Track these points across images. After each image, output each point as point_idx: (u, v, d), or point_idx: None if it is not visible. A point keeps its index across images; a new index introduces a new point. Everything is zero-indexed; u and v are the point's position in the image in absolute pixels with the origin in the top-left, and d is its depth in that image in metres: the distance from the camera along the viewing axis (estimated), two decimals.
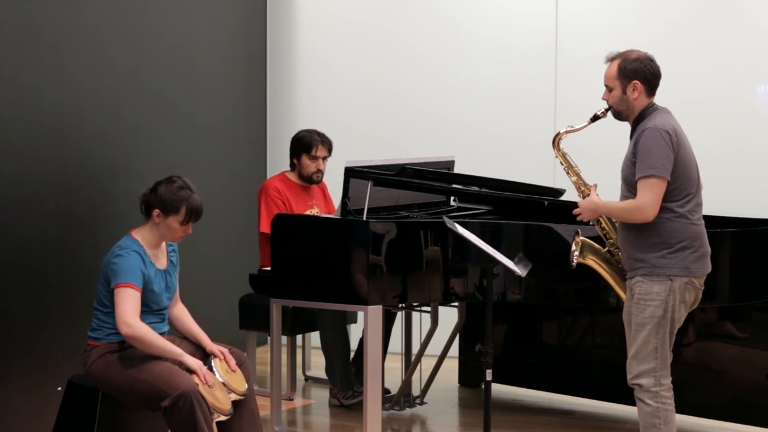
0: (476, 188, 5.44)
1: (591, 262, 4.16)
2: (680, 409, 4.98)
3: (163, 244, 4.25)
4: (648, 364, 3.97)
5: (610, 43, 6.32)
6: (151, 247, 4.16)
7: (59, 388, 4.49)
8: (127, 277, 4.01)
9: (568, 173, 4.22)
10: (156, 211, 4.13)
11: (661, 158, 3.86)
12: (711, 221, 4.15)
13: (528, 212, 5.20)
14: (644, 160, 3.88)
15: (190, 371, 4.02)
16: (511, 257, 4.29)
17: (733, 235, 4.62)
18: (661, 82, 4.10)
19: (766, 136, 6.21)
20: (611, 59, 4.08)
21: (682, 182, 3.93)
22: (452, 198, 5.60)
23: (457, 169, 5.55)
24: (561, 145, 4.23)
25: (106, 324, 4.09)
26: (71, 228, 4.97)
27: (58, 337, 4.83)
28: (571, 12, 6.54)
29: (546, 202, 5.25)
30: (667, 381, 4.00)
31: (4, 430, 4.51)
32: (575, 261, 4.12)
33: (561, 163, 4.24)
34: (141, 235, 4.16)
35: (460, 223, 4.39)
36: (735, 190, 6.02)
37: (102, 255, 5.04)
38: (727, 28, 6.26)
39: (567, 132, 4.21)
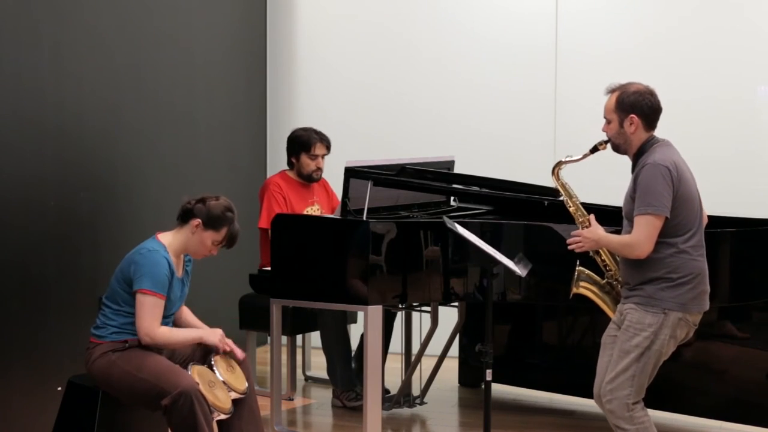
0: (476, 188, 5.44)
1: (586, 291, 4.14)
2: (680, 409, 5.02)
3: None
4: (622, 390, 3.94)
5: (610, 43, 6.38)
6: (175, 254, 4.16)
7: (59, 388, 4.49)
8: (153, 285, 4.01)
9: (567, 204, 4.20)
10: (197, 221, 4.12)
11: (660, 195, 3.82)
12: (711, 221, 4.15)
13: (528, 212, 5.19)
14: (643, 197, 3.84)
15: (184, 366, 4.06)
16: (511, 257, 4.28)
17: (733, 235, 4.62)
18: (661, 83, 4.08)
19: (766, 136, 6.21)
20: (611, 91, 4.02)
21: (684, 217, 3.89)
22: (452, 198, 5.60)
23: (457, 169, 5.55)
24: (561, 175, 4.21)
25: (111, 322, 4.09)
26: (71, 228, 4.97)
27: (58, 337, 4.83)
28: (571, 12, 6.54)
29: (546, 202, 5.24)
30: (639, 404, 3.97)
31: (4, 430, 4.51)
32: (571, 293, 4.12)
33: (560, 192, 4.22)
34: (168, 240, 4.15)
35: (460, 223, 4.39)
36: (735, 190, 6.02)
37: (102, 255, 5.07)
38: (727, 28, 6.26)
39: (567, 162, 4.18)
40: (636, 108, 3.93)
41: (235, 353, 4.23)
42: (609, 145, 4.05)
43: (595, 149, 4.09)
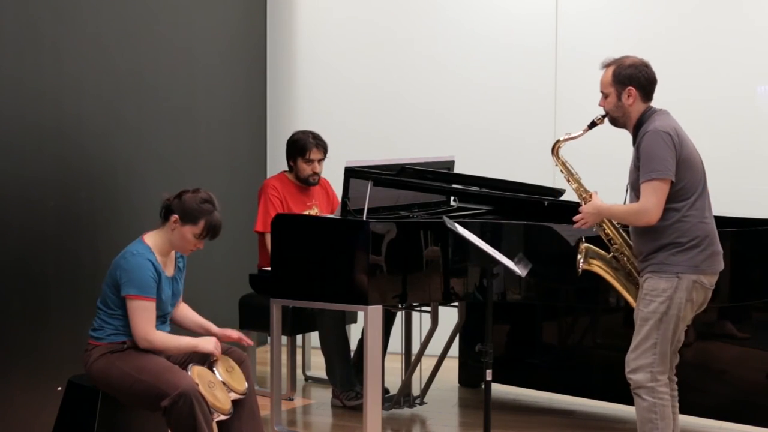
0: (476, 188, 5.44)
1: (596, 268, 4.14)
2: (680, 409, 4.99)
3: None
4: (645, 359, 3.96)
5: (610, 43, 6.36)
6: (162, 254, 4.15)
7: (59, 388, 4.49)
8: (141, 290, 4.01)
9: (568, 181, 4.21)
10: (175, 217, 4.11)
11: (664, 160, 3.85)
12: None
13: (528, 212, 5.19)
14: (647, 164, 3.88)
15: (184, 366, 4.07)
16: (511, 257, 4.28)
17: (733, 235, 4.62)
18: (661, 83, 4.10)
19: (766, 136, 6.21)
20: (606, 65, 4.07)
21: (688, 181, 3.93)
22: (452, 198, 5.60)
23: (457, 169, 5.55)
24: (560, 153, 4.23)
25: (108, 324, 4.09)
26: (71, 228, 4.97)
27: (58, 337, 4.83)
28: (571, 12, 6.54)
29: (546, 202, 5.25)
30: (664, 377, 3.98)
31: (4, 430, 4.51)
32: (581, 268, 4.11)
33: (561, 171, 4.23)
34: (153, 241, 4.15)
35: (460, 223, 4.39)
36: (735, 190, 6.02)
37: (102, 255, 5.06)
38: (727, 28, 6.26)
39: (565, 140, 4.19)
40: (633, 80, 3.99)
41: (244, 340, 4.31)
42: (607, 120, 4.09)
43: (593, 124, 4.12)
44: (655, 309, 3.94)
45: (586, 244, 4.12)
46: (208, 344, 4.15)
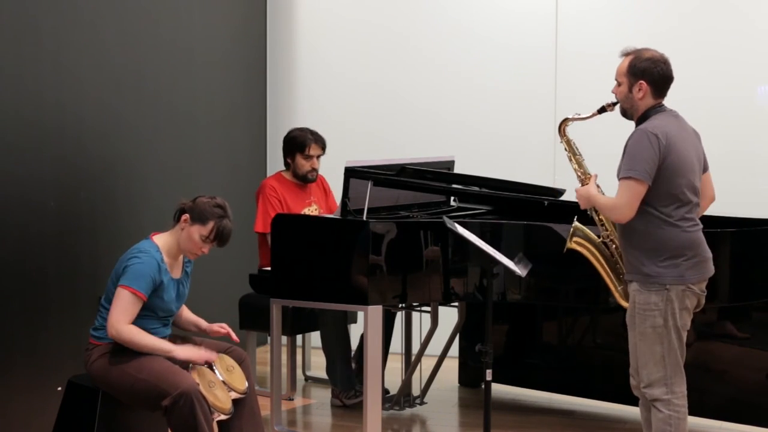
0: (476, 188, 5.44)
1: (582, 248, 4.11)
2: None
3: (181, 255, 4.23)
4: (658, 372, 3.92)
5: (610, 43, 6.31)
6: (170, 255, 4.14)
7: (59, 388, 4.49)
8: (134, 282, 3.99)
9: (570, 160, 4.18)
10: (186, 216, 4.12)
11: (643, 161, 3.80)
12: (711, 221, 4.15)
13: (528, 212, 5.20)
14: (627, 161, 3.84)
15: (185, 366, 4.04)
16: (511, 257, 4.28)
17: (733, 235, 4.62)
18: None
19: (766, 136, 6.21)
20: (626, 54, 4.01)
21: (670, 188, 3.86)
22: (452, 198, 5.60)
23: (457, 169, 5.55)
24: (567, 132, 4.21)
25: None
26: (71, 228, 4.97)
27: (58, 337, 4.83)
28: (571, 12, 6.54)
29: (546, 202, 5.25)
30: (681, 388, 3.94)
31: (4, 430, 4.51)
32: (567, 246, 4.09)
33: (565, 149, 4.19)
34: (162, 241, 4.15)
35: (460, 223, 4.39)
36: (735, 190, 6.01)
37: (102, 255, 5.07)
38: (727, 28, 6.26)
39: (574, 119, 4.16)
40: (647, 74, 3.94)
41: (231, 336, 4.24)
42: (617, 108, 4.04)
43: (602, 110, 4.07)
44: (652, 323, 3.90)
45: (576, 224, 4.11)
46: (183, 351, 4.05)
